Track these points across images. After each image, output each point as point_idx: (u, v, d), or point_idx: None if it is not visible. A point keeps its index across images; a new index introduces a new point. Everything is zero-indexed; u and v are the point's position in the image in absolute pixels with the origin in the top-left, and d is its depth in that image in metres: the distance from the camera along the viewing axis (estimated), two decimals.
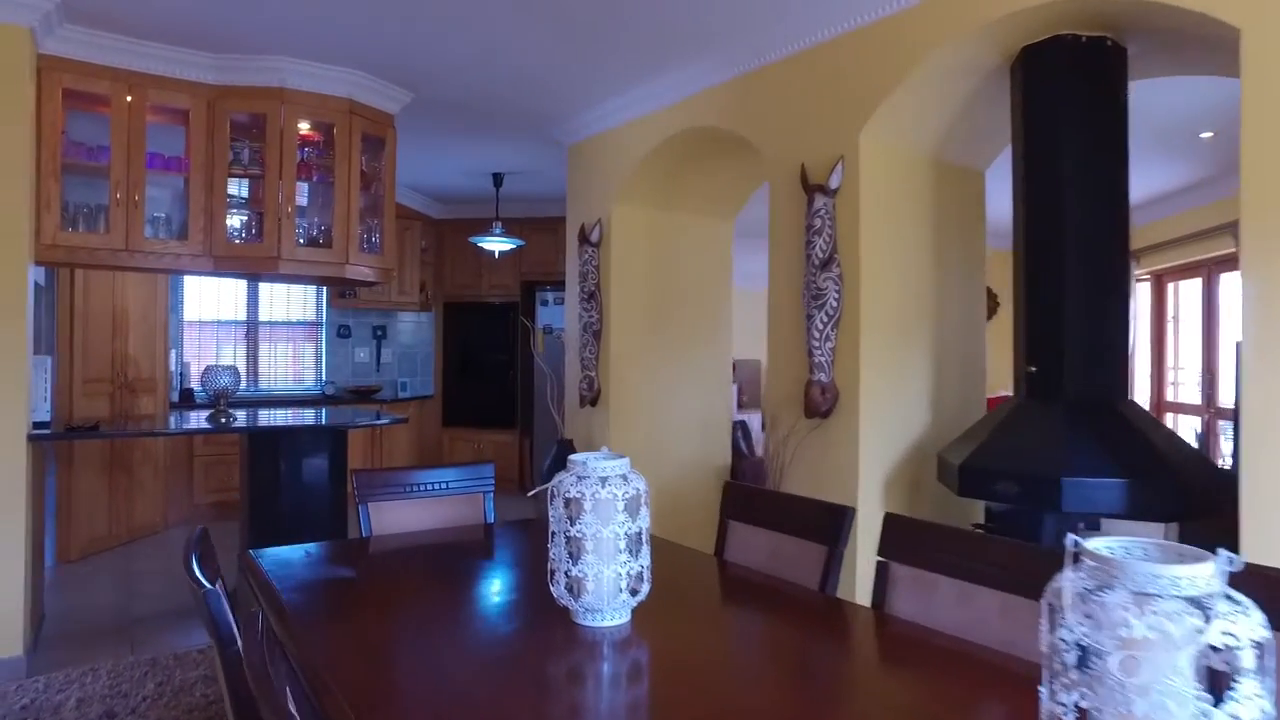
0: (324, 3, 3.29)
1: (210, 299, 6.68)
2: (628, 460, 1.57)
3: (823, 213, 3.27)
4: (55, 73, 3.53)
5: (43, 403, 3.79)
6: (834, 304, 3.24)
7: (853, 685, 1.46)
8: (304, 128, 4.11)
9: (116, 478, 5.29)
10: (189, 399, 6.18)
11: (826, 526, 1.93)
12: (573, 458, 1.55)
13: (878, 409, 3.26)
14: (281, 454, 4.00)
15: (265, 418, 4.36)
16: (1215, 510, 2.50)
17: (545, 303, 7.28)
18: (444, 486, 2.47)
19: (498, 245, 6.35)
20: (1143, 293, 7.48)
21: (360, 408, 6.53)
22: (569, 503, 1.50)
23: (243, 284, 6.77)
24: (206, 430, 4.01)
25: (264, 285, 6.84)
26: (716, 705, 1.28)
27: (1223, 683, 0.73)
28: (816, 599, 1.84)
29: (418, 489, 2.43)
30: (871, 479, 3.26)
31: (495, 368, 7.56)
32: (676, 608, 1.75)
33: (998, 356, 3.96)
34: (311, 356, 7.19)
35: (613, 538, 1.50)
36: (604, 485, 1.50)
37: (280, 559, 2.06)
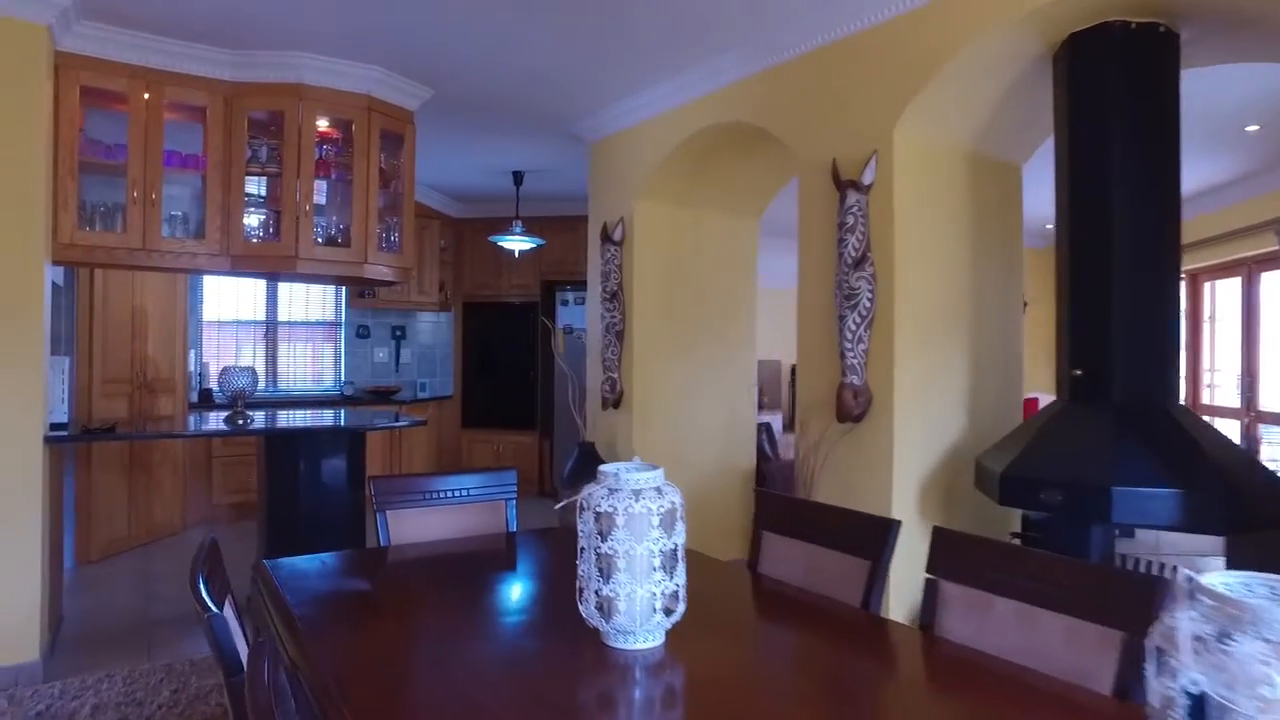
0: None
1: (230, 299, 6.65)
2: (662, 471, 1.47)
3: (855, 210, 3.15)
4: (72, 70, 3.48)
5: (60, 404, 3.75)
6: (867, 304, 3.12)
7: (901, 712, 1.35)
8: (322, 125, 4.04)
9: (136, 478, 5.27)
10: (208, 399, 6.14)
11: (869, 540, 1.82)
12: (604, 469, 1.45)
13: (912, 413, 3.14)
14: (299, 456, 3.94)
15: (284, 419, 4.30)
16: (1276, 523, 2.36)
17: (565, 302, 7.19)
18: (464, 493, 2.38)
19: (518, 244, 6.27)
20: None
21: (379, 409, 6.48)
22: (600, 517, 1.41)
23: (262, 284, 6.73)
24: (223, 432, 3.97)
25: (283, 285, 6.81)
26: None
27: None
28: (859, 617, 1.73)
29: (437, 496, 2.34)
30: (905, 486, 3.14)
31: (515, 368, 7.48)
32: (711, 627, 1.65)
33: (1027, 357, 3.82)
34: (330, 357, 7.15)
35: (646, 555, 1.40)
36: (637, 499, 1.40)
37: (295, 570, 1.99)
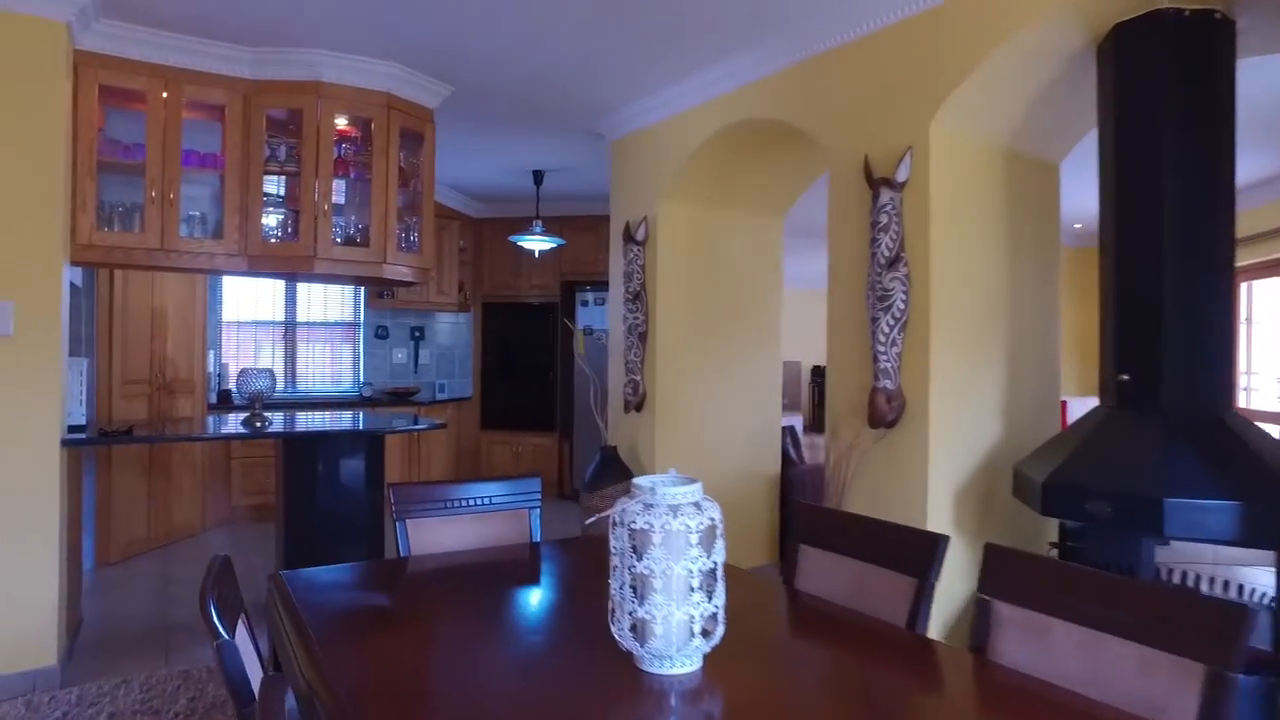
0: None
1: (249, 299, 6.62)
2: (700, 485, 1.38)
3: (889, 208, 3.05)
4: (91, 68, 3.45)
5: (78, 406, 3.71)
6: (901, 306, 3.02)
7: None
8: (341, 123, 3.98)
9: (155, 480, 5.24)
10: (227, 400, 6.12)
11: (916, 556, 1.72)
12: (638, 482, 1.37)
13: (948, 418, 3.03)
14: (318, 459, 3.89)
15: (302, 421, 4.25)
16: None
17: (585, 303, 7.12)
18: (487, 501, 2.30)
19: (538, 244, 6.20)
20: None
21: (398, 410, 6.43)
22: (635, 534, 1.32)
23: (281, 284, 6.71)
24: (241, 436, 3.92)
25: (302, 285, 6.78)
26: None
27: None
28: (905, 638, 1.63)
29: (459, 504, 2.26)
30: (941, 494, 3.03)
31: (534, 369, 7.41)
32: (750, 648, 1.56)
33: None
34: (349, 357, 7.12)
35: (685, 575, 1.31)
36: (675, 515, 1.31)
37: (312, 583, 1.91)
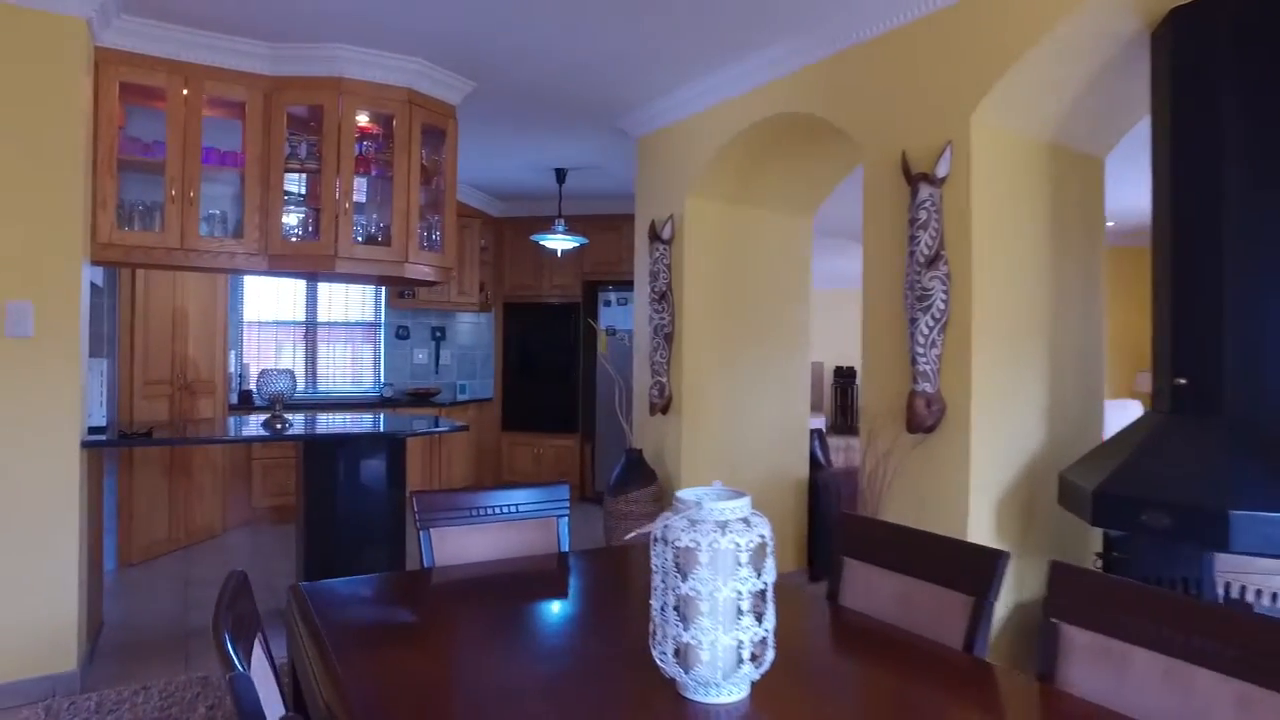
0: None
1: (270, 299, 6.59)
2: (749, 500, 1.28)
3: (928, 204, 2.93)
4: (112, 65, 3.40)
5: (98, 407, 3.67)
6: (941, 306, 2.90)
7: None
8: (362, 120, 3.92)
9: (176, 480, 5.21)
10: (248, 401, 6.08)
11: (973, 573, 1.61)
12: (683, 496, 1.27)
13: (989, 423, 2.90)
14: (338, 461, 3.82)
15: (323, 422, 4.19)
16: None
17: (608, 303, 7.03)
18: (514, 509, 2.21)
19: (560, 243, 6.12)
20: None
21: (418, 412, 6.37)
22: (680, 553, 1.22)
23: (302, 284, 6.67)
24: (260, 438, 3.85)
25: (323, 285, 6.74)
26: None
27: None
28: (965, 663, 1.52)
29: (485, 513, 2.17)
30: (982, 502, 2.90)
31: (556, 370, 7.33)
32: (799, 673, 1.45)
33: None
34: (370, 358, 7.07)
35: (733, 597, 1.21)
36: (723, 532, 1.21)
37: (334, 596, 1.83)
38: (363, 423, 4.14)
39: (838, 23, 3.30)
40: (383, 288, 6.79)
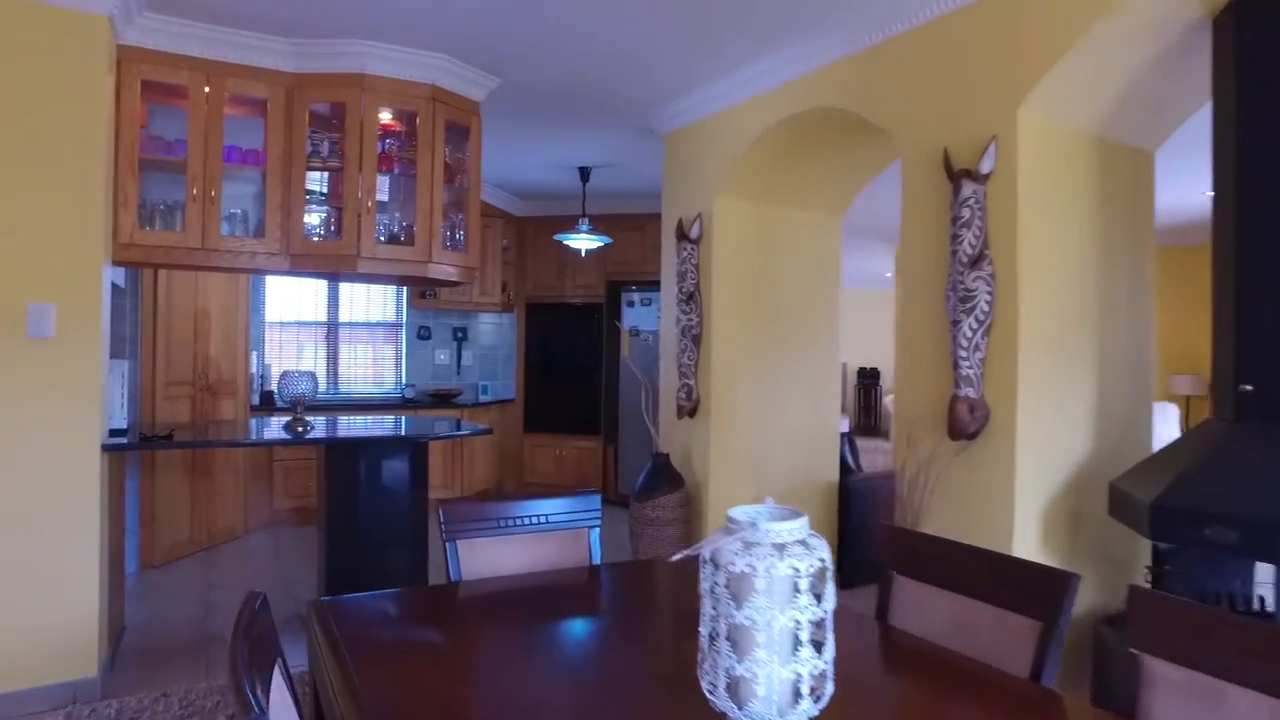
0: None
1: (291, 299, 6.56)
2: (806, 520, 1.18)
3: (972, 202, 2.81)
4: (134, 63, 3.35)
5: (120, 409, 3.63)
6: (985, 307, 2.78)
7: None
8: (385, 117, 3.84)
9: (198, 482, 5.18)
10: (269, 402, 6.05)
11: (1040, 595, 1.50)
12: (736, 516, 1.17)
13: (1035, 429, 2.78)
14: (360, 465, 3.75)
15: (344, 424, 4.13)
16: None
17: (631, 304, 6.93)
18: (543, 520, 2.12)
19: (584, 243, 6.03)
20: None
21: (440, 413, 6.31)
22: (733, 579, 1.12)
23: (323, 284, 6.63)
24: (282, 442, 3.80)
25: (344, 285, 6.70)
26: None
27: None
28: (1033, 694, 1.41)
29: (513, 524, 2.08)
30: (1028, 512, 2.78)
31: (579, 371, 7.25)
32: (858, 705, 1.35)
33: None
34: (391, 358, 7.02)
35: (791, 627, 1.11)
36: (781, 556, 1.11)
37: (357, 612, 1.75)
38: (384, 425, 4.08)
39: (876, 13, 3.19)
40: (404, 288, 6.74)
